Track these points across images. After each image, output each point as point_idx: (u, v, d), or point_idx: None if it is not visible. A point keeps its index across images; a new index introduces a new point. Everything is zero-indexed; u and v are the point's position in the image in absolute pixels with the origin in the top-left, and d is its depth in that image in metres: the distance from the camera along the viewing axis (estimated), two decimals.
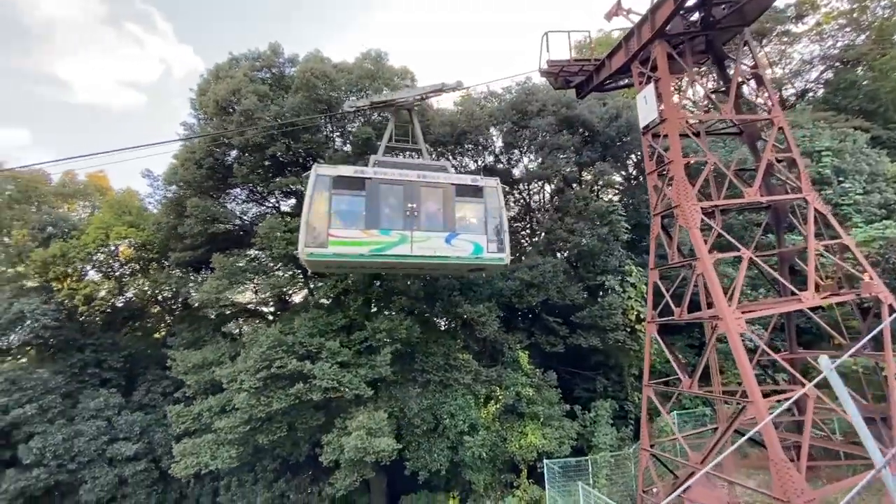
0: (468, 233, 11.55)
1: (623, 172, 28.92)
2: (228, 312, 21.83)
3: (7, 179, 21.51)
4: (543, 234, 24.30)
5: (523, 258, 24.28)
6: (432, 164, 12.59)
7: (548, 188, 25.97)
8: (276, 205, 23.17)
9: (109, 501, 17.68)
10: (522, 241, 28.19)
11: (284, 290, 19.94)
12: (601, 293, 21.48)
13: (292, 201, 22.65)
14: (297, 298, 24.08)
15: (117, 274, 22.59)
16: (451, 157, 24.53)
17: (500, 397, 18.18)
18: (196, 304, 19.72)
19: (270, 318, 23.68)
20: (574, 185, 23.75)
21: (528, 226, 25.50)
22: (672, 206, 13.26)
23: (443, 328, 19.08)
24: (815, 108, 26.70)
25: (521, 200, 27.02)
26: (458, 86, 13.31)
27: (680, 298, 13.02)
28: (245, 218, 22.74)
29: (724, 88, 15.01)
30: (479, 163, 25.01)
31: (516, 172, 25.46)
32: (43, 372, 18.33)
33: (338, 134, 21.47)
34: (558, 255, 22.78)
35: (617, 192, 29.30)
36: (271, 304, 24.59)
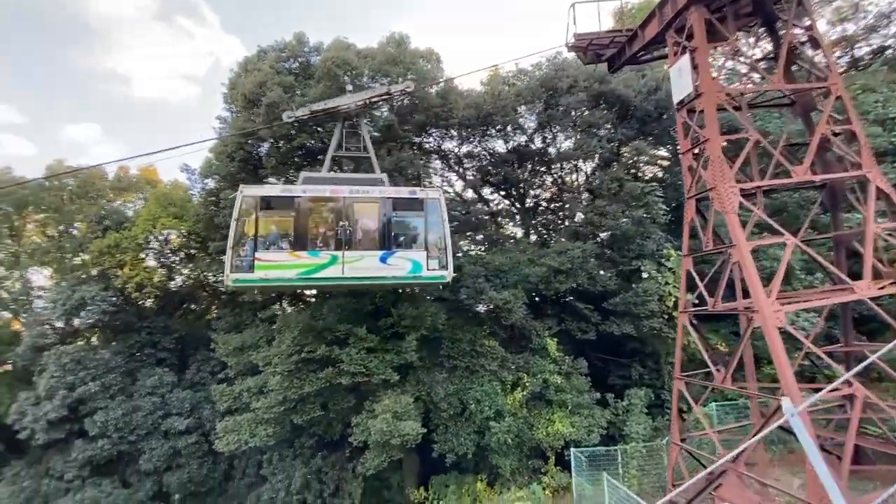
0: (406, 249, 10.96)
1: (668, 146, 27.16)
2: (274, 295, 22.75)
3: (69, 176, 23.40)
4: (576, 217, 23.41)
5: (553, 242, 23.58)
6: (367, 178, 11.86)
7: (585, 168, 24.84)
8: None
9: (166, 470, 19.41)
10: (559, 222, 27.31)
11: None
12: (638, 278, 20.50)
13: None
14: None
15: (170, 261, 24.19)
16: (477, 141, 23.97)
17: (526, 384, 18.02)
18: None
19: (312, 300, 24.41)
20: (613, 164, 22.55)
21: (561, 209, 24.62)
22: (707, 189, 12.30)
23: (470, 314, 18.96)
24: (891, 68, 23.56)
25: (557, 182, 26.00)
26: (406, 87, 12.61)
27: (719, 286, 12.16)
28: None
29: (773, 55, 13.56)
30: (510, 144, 24.26)
31: (553, 151, 24.42)
32: (105, 352, 20.16)
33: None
34: (598, 236, 21.85)
35: (662, 168, 27.61)
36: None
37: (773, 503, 10.95)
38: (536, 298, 21.23)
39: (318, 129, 19.23)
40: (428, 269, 10.76)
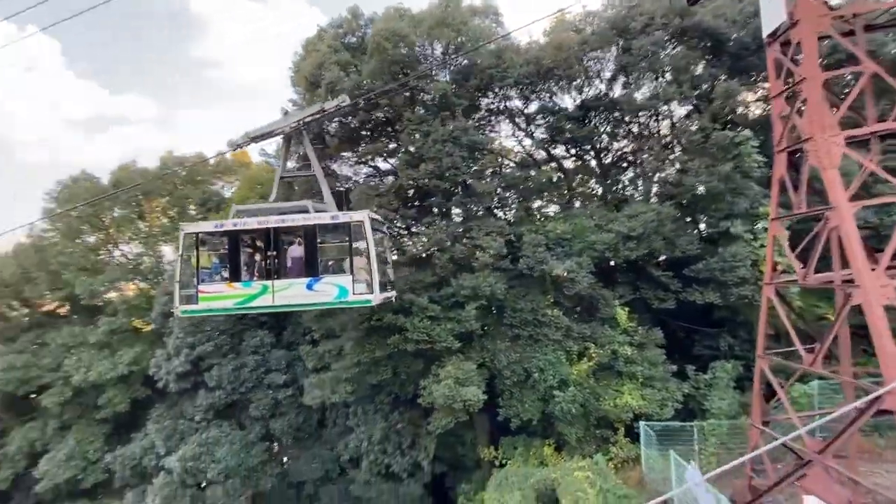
0: (332, 274, 10.87)
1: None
2: None
3: (178, 164, 26.89)
4: (657, 174, 21.18)
5: (638, 199, 21.65)
6: (293, 206, 11.82)
7: (675, 112, 21.93)
8: (376, 165, 24.36)
9: (271, 417, 22.60)
10: (639, 181, 24.99)
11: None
12: (726, 242, 18.19)
13: (393, 160, 23.45)
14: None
15: None
16: (545, 97, 22.38)
17: (593, 355, 17.43)
18: None
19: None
20: (701, 109, 19.71)
21: (635, 166, 22.41)
22: (802, 140, 10.39)
23: (532, 283, 18.49)
24: None
25: (640, 134, 23.38)
26: (341, 102, 11.65)
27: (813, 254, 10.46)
28: (356, 178, 24.40)
29: None
30: (583, 96, 22.29)
31: (632, 100, 21.91)
32: (216, 317, 23.53)
33: (426, 91, 20.98)
34: (683, 195, 19.58)
35: (767, 107, 23.50)
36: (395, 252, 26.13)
37: (866, 500, 9.58)
38: (612, 263, 19.97)
39: (379, 101, 19.39)
40: (354, 294, 10.65)
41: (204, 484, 21.58)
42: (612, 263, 19.57)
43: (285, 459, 24.65)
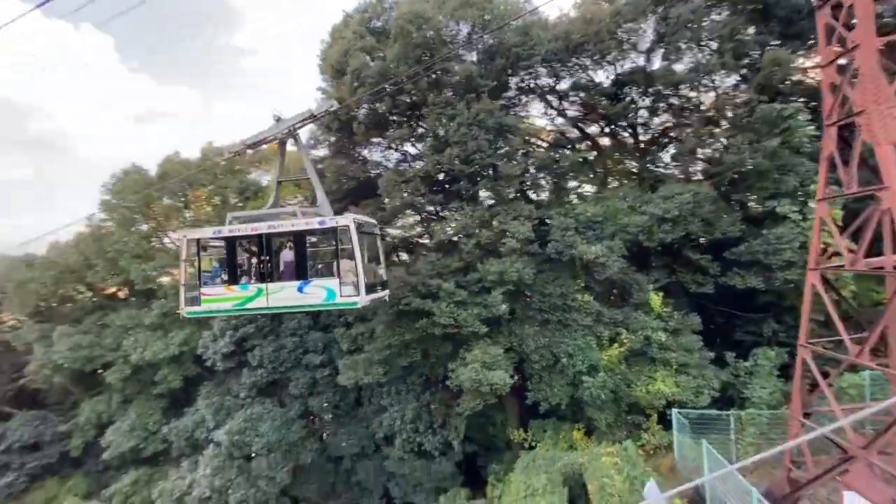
0: (321, 277, 11.12)
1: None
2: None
3: (218, 154, 27.98)
4: (694, 151, 19.98)
5: (679, 178, 20.62)
6: (283, 212, 12.01)
7: (722, 83, 20.40)
8: (406, 151, 24.38)
9: (309, 395, 23.74)
10: (678, 159, 23.72)
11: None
12: (773, 222, 17.08)
13: (421, 145, 23.34)
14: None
15: None
16: (578, 73, 21.47)
17: (624, 340, 17.06)
18: None
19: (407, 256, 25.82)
20: (749, 80, 18.30)
21: (675, 142, 21.24)
22: (854, 113, 9.56)
23: (561, 268, 18.15)
24: None
25: (681, 109, 21.98)
26: (330, 106, 11.72)
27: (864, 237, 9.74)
28: (386, 164, 24.59)
29: None
30: (617, 71, 21.23)
31: (678, 69, 20.47)
32: None
33: (452, 73, 20.64)
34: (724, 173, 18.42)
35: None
36: (426, 237, 26.53)
37: None
38: (646, 246, 19.22)
39: (404, 86, 19.27)
40: (342, 296, 10.88)
41: (252, 455, 23.15)
42: (646, 246, 18.87)
43: (324, 435, 25.89)
